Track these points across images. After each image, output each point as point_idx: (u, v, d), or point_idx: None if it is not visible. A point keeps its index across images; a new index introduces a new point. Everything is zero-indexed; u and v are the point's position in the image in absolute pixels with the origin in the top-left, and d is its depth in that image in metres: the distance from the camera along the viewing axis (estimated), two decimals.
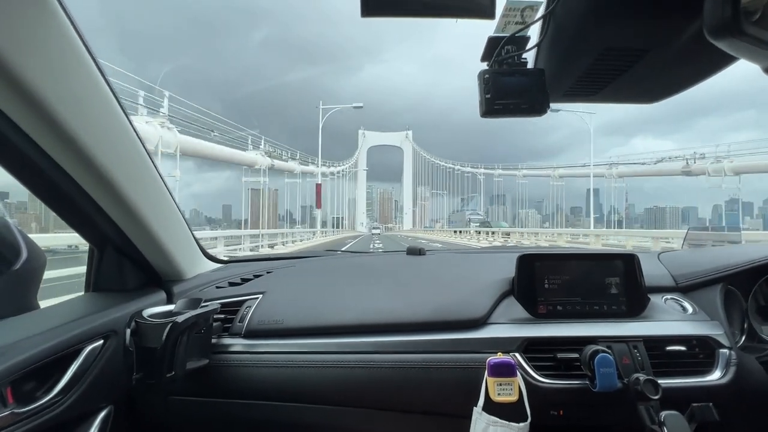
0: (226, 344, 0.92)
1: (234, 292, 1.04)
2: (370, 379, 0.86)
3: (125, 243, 0.89)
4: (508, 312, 0.92)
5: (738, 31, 0.36)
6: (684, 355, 0.85)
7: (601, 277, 0.93)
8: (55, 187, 0.72)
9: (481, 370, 0.81)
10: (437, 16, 0.50)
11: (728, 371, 0.83)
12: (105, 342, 0.77)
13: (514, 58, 0.58)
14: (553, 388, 0.81)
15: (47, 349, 0.66)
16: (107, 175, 0.72)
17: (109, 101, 0.70)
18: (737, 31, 0.36)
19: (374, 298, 0.99)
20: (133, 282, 0.96)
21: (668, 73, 0.58)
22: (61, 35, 0.58)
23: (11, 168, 0.67)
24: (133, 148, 0.78)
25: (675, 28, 0.49)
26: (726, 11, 0.36)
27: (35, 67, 0.54)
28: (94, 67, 0.65)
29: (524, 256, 0.95)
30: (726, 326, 0.89)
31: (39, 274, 0.87)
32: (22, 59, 0.52)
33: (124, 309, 0.84)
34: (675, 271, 1.05)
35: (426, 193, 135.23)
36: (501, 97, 0.57)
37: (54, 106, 0.58)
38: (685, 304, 0.96)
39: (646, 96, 0.65)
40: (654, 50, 0.52)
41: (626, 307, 0.91)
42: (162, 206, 0.90)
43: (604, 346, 0.81)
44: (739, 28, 0.36)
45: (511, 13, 0.56)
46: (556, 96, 0.62)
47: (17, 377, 0.61)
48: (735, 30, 0.36)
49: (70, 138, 0.63)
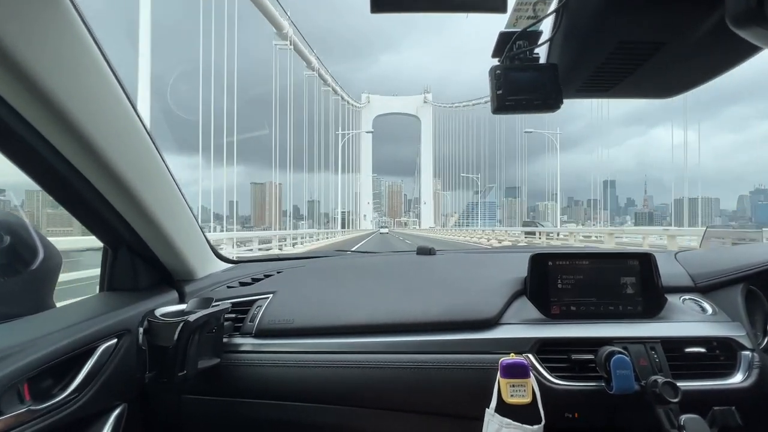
0: (237, 343, 0.93)
1: (245, 292, 1.05)
2: (380, 380, 0.86)
3: (139, 243, 0.90)
4: (520, 312, 0.90)
5: (763, 18, 0.34)
6: (704, 357, 0.83)
7: (616, 276, 0.91)
8: (73, 190, 0.73)
9: (493, 371, 0.79)
10: (447, 11, 0.49)
11: (751, 374, 0.80)
12: (119, 340, 0.78)
13: (526, 53, 0.57)
14: (568, 390, 0.79)
15: (63, 347, 0.68)
16: (122, 177, 0.73)
17: (122, 103, 0.71)
18: (762, 19, 0.34)
19: (384, 298, 0.98)
20: (146, 282, 0.97)
21: (686, 67, 0.56)
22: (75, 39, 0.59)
23: (30, 171, 0.69)
24: (146, 149, 0.79)
25: (693, 19, 0.47)
26: None
27: (52, 71, 0.55)
28: (107, 67, 0.66)
29: (537, 255, 0.94)
30: (748, 327, 0.86)
31: (55, 273, 0.89)
32: (41, 64, 0.53)
33: (137, 308, 0.85)
34: (693, 270, 1.02)
35: (437, 186, 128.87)
36: (513, 93, 0.56)
37: (70, 109, 0.59)
38: (704, 304, 0.93)
39: (663, 91, 0.63)
40: (671, 43, 0.50)
41: (642, 308, 0.89)
42: (174, 207, 0.91)
43: (620, 347, 0.79)
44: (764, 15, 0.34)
45: (523, 8, 0.54)
46: (570, 91, 0.60)
47: (34, 375, 0.62)
48: (760, 18, 0.34)
49: (86, 142, 0.64)
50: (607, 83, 0.60)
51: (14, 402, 0.60)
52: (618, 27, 0.50)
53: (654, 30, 0.50)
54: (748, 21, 0.35)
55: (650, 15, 0.48)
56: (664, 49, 0.51)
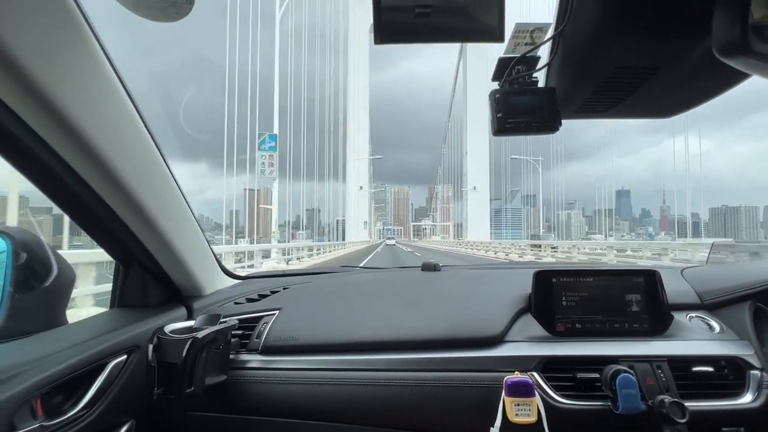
0: (243, 360, 0.93)
1: (252, 308, 1.06)
2: (385, 397, 0.85)
3: (149, 260, 0.92)
4: (525, 330, 0.90)
5: (748, 49, 0.36)
6: (712, 377, 0.82)
7: (622, 294, 0.90)
8: (87, 207, 0.76)
9: (498, 389, 0.79)
10: (447, 41, 0.52)
11: (760, 394, 0.79)
12: (128, 357, 0.80)
13: (525, 77, 0.59)
14: (573, 409, 0.78)
15: (75, 363, 0.69)
16: (134, 194, 0.75)
17: (133, 119, 0.73)
18: (747, 50, 0.36)
19: (389, 315, 0.99)
20: (156, 298, 0.99)
21: (682, 90, 0.58)
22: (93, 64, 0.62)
23: (46, 189, 0.71)
24: (157, 166, 0.82)
25: (685, 46, 0.49)
26: (735, 31, 0.36)
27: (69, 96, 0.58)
28: (119, 83, 0.68)
29: (541, 272, 0.94)
30: (756, 346, 0.85)
31: (68, 289, 0.91)
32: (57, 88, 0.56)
33: (147, 324, 0.87)
34: (700, 288, 1.01)
35: (448, 192, 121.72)
36: (512, 115, 0.58)
37: (86, 131, 0.62)
38: (711, 322, 0.92)
39: (660, 111, 0.64)
40: (665, 68, 0.52)
41: (648, 326, 0.88)
42: (184, 224, 0.94)
43: (626, 366, 0.78)
44: (748, 46, 0.36)
45: (521, 35, 0.57)
46: (568, 113, 0.62)
47: (46, 390, 0.64)
48: (745, 49, 0.36)
49: (100, 160, 0.66)
50: (605, 105, 0.62)
51: (27, 418, 0.61)
52: (613, 53, 0.52)
53: (648, 56, 0.52)
54: (734, 52, 0.37)
55: (644, 42, 0.50)
56: (659, 73, 0.53)
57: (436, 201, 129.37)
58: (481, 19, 0.50)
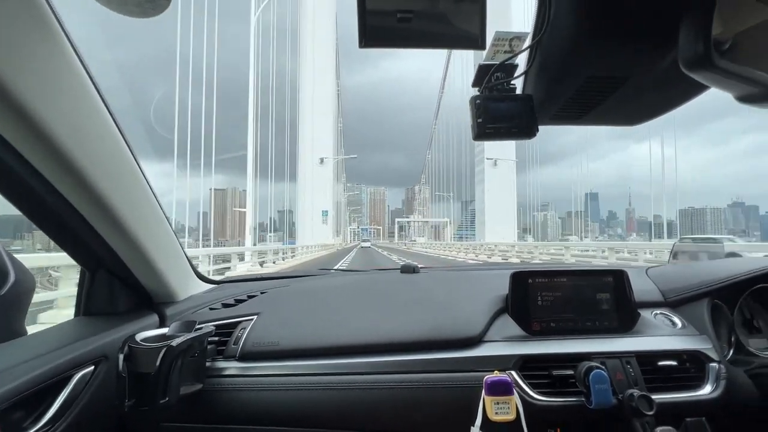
0: (220, 367, 0.91)
1: (228, 314, 1.03)
2: (366, 400, 0.85)
3: (118, 265, 0.88)
4: (503, 329, 0.92)
5: (710, 64, 0.39)
6: (675, 370, 0.87)
7: (593, 293, 0.95)
8: (51, 210, 0.71)
9: (477, 388, 0.81)
10: (430, 47, 0.52)
11: (718, 385, 0.84)
12: (96, 368, 0.76)
13: (504, 84, 0.61)
14: (550, 405, 0.81)
15: (35, 377, 0.65)
16: (102, 196, 0.71)
17: (106, 122, 0.70)
18: (710, 65, 0.39)
19: (369, 318, 0.99)
20: (125, 305, 0.94)
21: (648, 99, 0.61)
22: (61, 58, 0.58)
23: (5, 190, 0.67)
24: (129, 168, 0.78)
25: (653, 57, 0.52)
26: (699, 47, 0.39)
27: (33, 89, 0.54)
28: (93, 87, 0.65)
29: (517, 273, 0.97)
30: (714, 340, 0.91)
31: (27, 298, 0.85)
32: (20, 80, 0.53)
33: (116, 333, 0.82)
34: (663, 286, 1.07)
35: (425, 194, 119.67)
36: (492, 121, 0.59)
37: (51, 127, 0.58)
38: (674, 318, 0.98)
39: (630, 119, 0.68)
40: (634, 78, 0.55)
41: (618, 323, 0.93)
42: (156, 226, 0.90)
43: (598, 362, 0.82)
44: (711, 61, 0.39)
45: (500, 43, 0.59)
46: (544, 119, 0.65)
47: (5, 407, 0.59)
48: (708, 63, 0.39)
49: (65, 159, 0.63)
50: (578, 112, 0.64)
51: None
52: (586, 63, 0.54)
53: (619, 66, 0.54)
54: (698, 66, 0.39)
55: (615, 53, 0.52)
56: (628, 83, 0.56)
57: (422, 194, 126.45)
58: (462, 27, 0.51)
